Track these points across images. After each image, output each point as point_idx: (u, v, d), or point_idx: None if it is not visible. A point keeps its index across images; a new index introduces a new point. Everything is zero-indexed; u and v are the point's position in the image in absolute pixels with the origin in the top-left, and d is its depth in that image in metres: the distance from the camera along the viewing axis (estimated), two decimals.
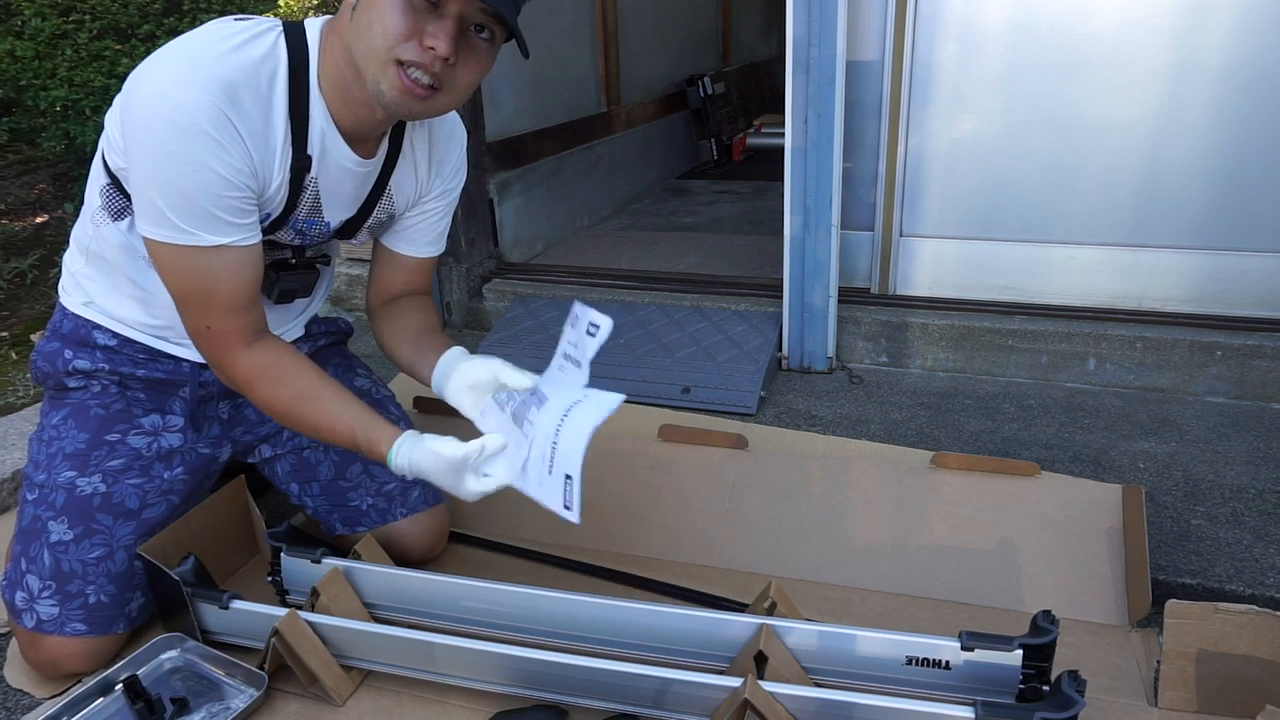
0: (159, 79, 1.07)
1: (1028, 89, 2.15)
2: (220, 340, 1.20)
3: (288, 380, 1.23)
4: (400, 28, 1.06)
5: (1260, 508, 1.64)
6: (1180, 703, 1.19)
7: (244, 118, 1.10)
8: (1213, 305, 2.18)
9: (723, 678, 1.10)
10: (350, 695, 1.25)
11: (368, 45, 1.09)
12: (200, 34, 1.12)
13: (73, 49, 3.13)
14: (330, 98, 1.18)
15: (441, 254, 1.49)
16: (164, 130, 1.06)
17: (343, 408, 1.23)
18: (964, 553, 1.47)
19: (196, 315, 1.19)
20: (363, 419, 1.22)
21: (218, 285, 1.16)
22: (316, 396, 1.24)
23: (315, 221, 1.29)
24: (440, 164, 1.39)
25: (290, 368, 1.24)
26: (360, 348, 2.56)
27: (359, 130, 1.22)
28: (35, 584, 1.27)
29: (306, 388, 1.24)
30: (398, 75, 1.09)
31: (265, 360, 1.23)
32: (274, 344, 1.25)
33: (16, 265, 3.13)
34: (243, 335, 1.21)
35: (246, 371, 1.22)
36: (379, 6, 1.07)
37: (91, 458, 1.32)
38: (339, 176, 1.25)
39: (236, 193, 1.13)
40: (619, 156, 3.88)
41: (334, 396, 1.24)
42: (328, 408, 1.23)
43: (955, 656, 1.12)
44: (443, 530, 1.55)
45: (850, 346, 2.35)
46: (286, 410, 1.24)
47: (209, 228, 1.12)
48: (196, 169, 1.08)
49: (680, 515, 1.61)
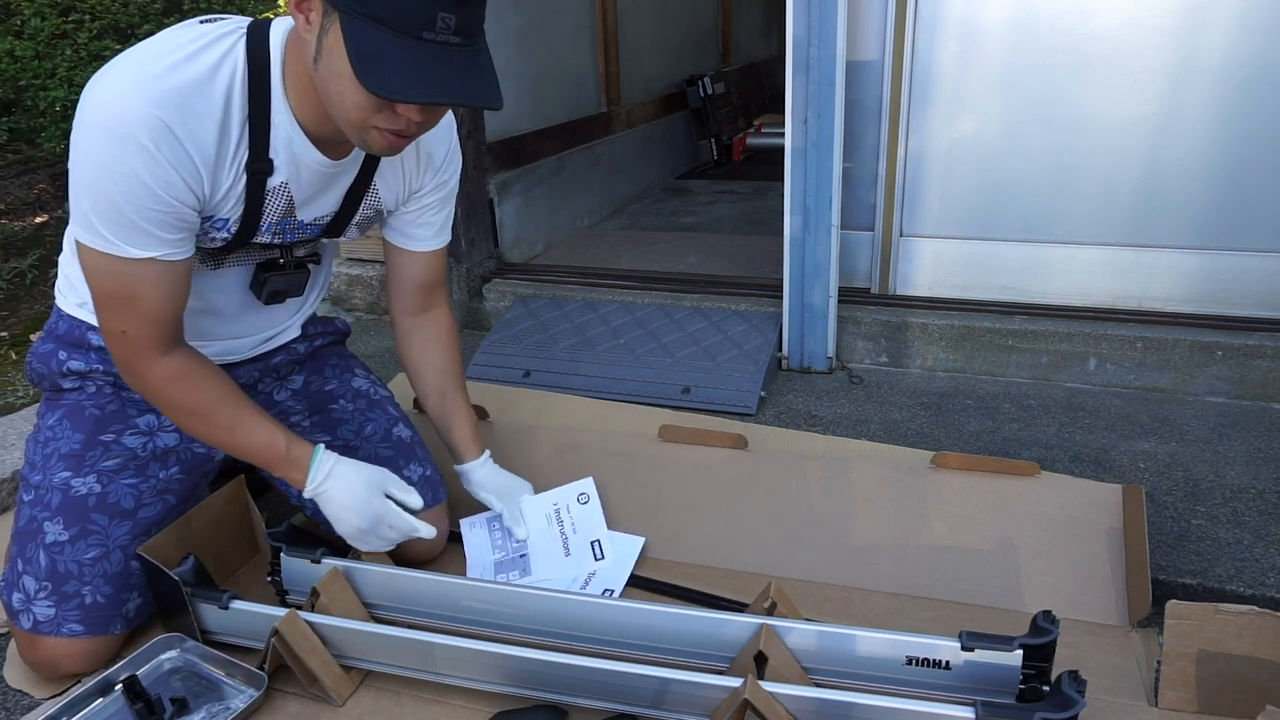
0: (104, 88, 1.05)
1: (1028, 89, 2.15)
2: (134, 345, 1.18)
3: (206, 385, 1.23)
4: (370, 105, 1.05)
5: (1261, 508, 1.64)
6: (1180, 703, 1.18)
7: (191, 127, 1.07)
8: (1213, 305, 2.17)
9: (722, 678, 1.10)
10: (350, 695, 1.25)
11: (341, 114, 1.08)
12: (156, 41, 1.10)
13: (72, 49, 3.13)
14: (296, 105, 1.16)
15: (449, 243, 1.51)
16: (100, 139, 1.04)
17: (266, 418, 1.27)
18: (964, 553, 1.47)
19: (113, 318, 1.17)
20: (286, 431, 1.28)
21: (138, 294, 1.14)
22: (238, 402, 1.25)
23: (290, 221, 1.28)
24: (430, 156, 1.37)
25: (210, 373, 1.25)
26: (360, 348, 2.56)
27: (330, 137, 1.20)
28: (31, 585, 1.27)
29: (228, 393, 1.25)
30: (380, 135, 1.10)
31: (182, 365, 1.22)
32: (190, 351, 1.25)
33: (16, 265, 3.13)
34: (157, 343, 1.19)
35: (161, 377, 1.20)
36: (342, 81, 1.03)
37: (86, 458, 1.31)
38: (311, 179, 1.23)
39: (166, 208, 1.09)
40: (619, 156, 3.88)
41: (255, 406, 1.27)
42: (249, 414, 1.25)
43: (955, 656, 1.12)
44: (443, 531, 1.55)
45: (850, 346, 2.35)
46: (204, 413, 1.24)
47: (134, 240, 1.10)
48: (128, 180, 1.05)
49: (680, 515, 1.60)
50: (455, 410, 1.52)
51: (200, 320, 1.32)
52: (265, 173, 1.18)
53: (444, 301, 1.54)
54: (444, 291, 1.54)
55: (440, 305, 1.53)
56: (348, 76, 1.01)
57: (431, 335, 1.51)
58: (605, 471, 1.67)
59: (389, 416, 1.55)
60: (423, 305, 1.50)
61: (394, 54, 0.99)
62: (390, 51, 0.99)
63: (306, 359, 1.54)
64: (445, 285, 1.54)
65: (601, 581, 1.46)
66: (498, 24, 2.90)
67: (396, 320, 1.52)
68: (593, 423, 1.80)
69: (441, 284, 1.52)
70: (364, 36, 0.98)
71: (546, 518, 1.53)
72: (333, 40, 1.01)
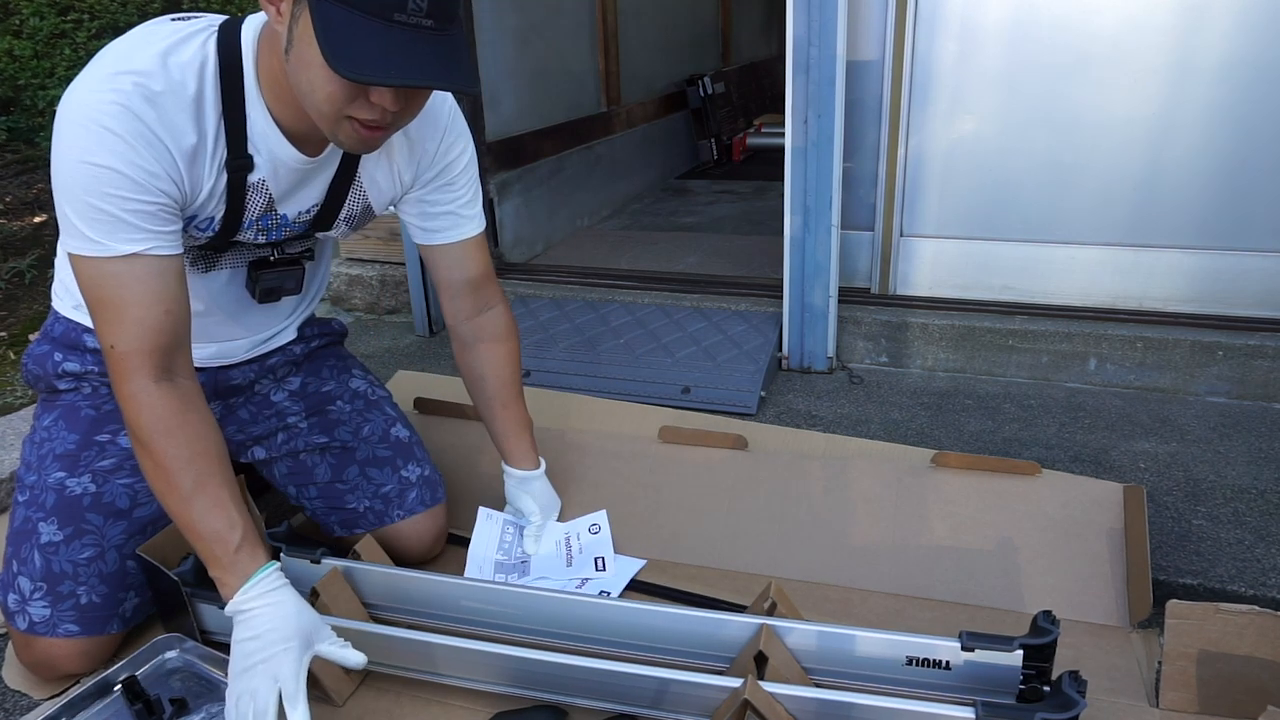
0: (77, 86, 1.04)
1: (1028, 88, 2.15)
2: (120, 361, 1.08)
3: (185, 435, 1.09)
4: (343, 94, 1.01)
5: (1262, 508, 1.64)
6: (1181, 703, 1.18)
7: (164, 120, 1.05)
8: (1214, 305, 2.17)
9: (722, 678, 1.10)
10: (350, 695, 1.24)
11: (314, 106, 1.05)
12: (127, 39, 1.09)
13: (71, 48, 3.13)
14: (271, 101, 1.14)
15: (484, 230, 1.44)
16: (71, 134, 1.03)
17: (238, 504, 1.11)
18: (964, 553, 1.47)
19: (105, 329, 1.10)
20: (250, 526, 1.11)
21: (127, 297, 1.07)
22: (211, 472, 1.10)
23: (272, 217, 1.26)
24: (421, 148, 1.33)
25: (195, 426, 1.11)
26: (359, 348, 2.56)
27: (307, 133, 1.18)
28: (27, 586, 1.26)
29: (205, 458, 1.10)
30: (352, 127, 1.06)
31: (166, 402, 1.09)
32: (186, 395, 1.12)
33: (15, 265, 3.12)
34: (146, 364, 1.09)
35: (138, 405, 1.08)
36: (312, 69, 1.00)
37: (81, 458, 1.31)
38: (289, 175, 1.22)
39: (148, 196, 1.06)
40: (619, 156, 3.88)
41: (231, 486, 1.12)
42: (218, 489, 1.10)
43: (955, 657, 1.11)
44: (441, 531, 1.54)
45: (850, 346, 2.34)
46: (169, 466, 1.08)
47: (117, 234, 1.05)
48: (104, 171, 1.03)
49: (680, 516, 1.60)
50: (518, 419, 1.51)
51: (196, 322, 1.31)
52: (246, 169, 1.17)
53: (499, 298, 1.49)
54: (496, 287, 1.48)
55: (496, 303, 1.48)
56: (318, 64, 0.98)
57: (493, 342, 1.47)
58: (605, 472, 1.66)
59: (387, 417, 1.55)
60: (477, 305, 1.46)
61: (364, 37, 0.96)
62: (360, 35, 0.96)
63: (303, 360, 1.54)
64: (495, 279, 1.47)
65: (599, 586, 1.46)
66: (497, 23, 2.90)
67: (453, 328, 1.47)
68: (593, 423, 1.80)
69: (490, 278, 1.46)
70: (333, 20, 0.96)
71: (557, 544, 1.54)
72: (303, 28, 0.99)
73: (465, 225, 1.41)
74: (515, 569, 1.50)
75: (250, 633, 1.06)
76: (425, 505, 1.51)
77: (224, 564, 1.08)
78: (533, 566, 1.51)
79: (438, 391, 1.88)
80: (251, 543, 1.10)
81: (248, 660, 1.04)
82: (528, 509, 1.52)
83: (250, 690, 1.02)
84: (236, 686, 1.03)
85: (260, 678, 1.02)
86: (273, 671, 1.03)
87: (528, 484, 1.52)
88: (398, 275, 2.78)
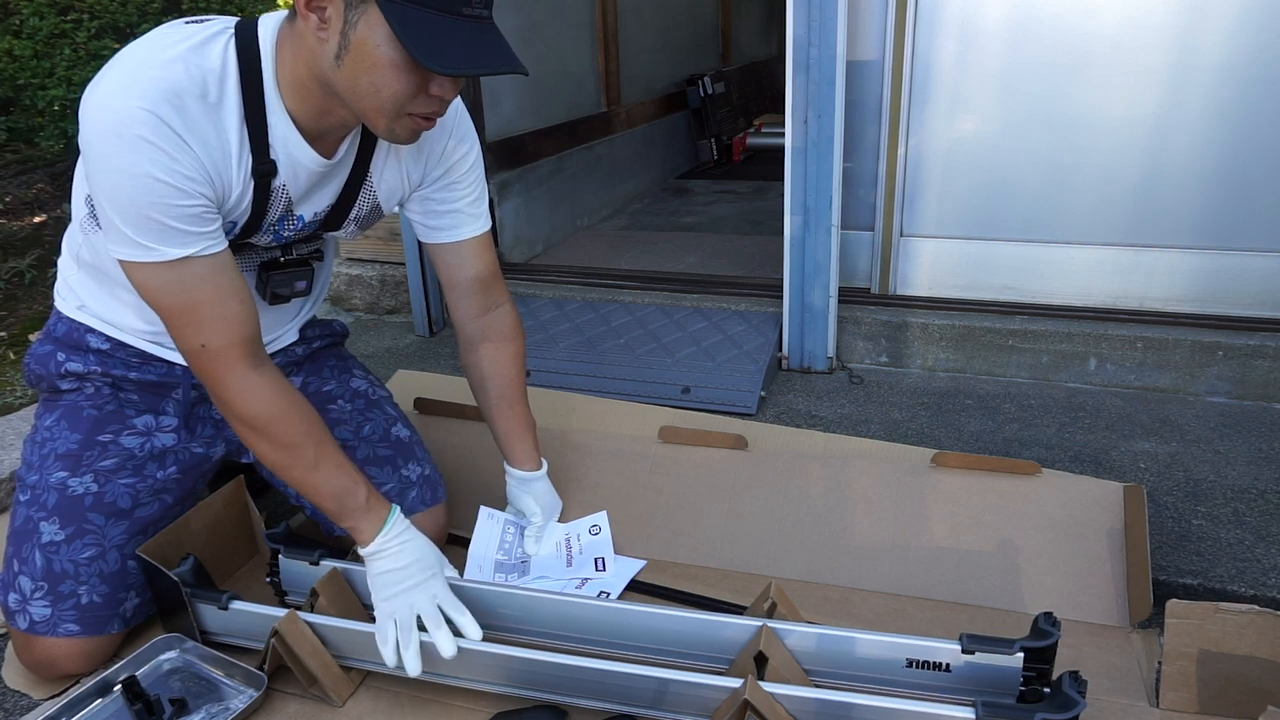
0: (100, 93, 1.04)
1: (1027, 88, 2.15)
2: (218, 358, 1.14)
3: (297, 413, 1.19)
4: (410, 89, 1.06)
5: (1262, 508, 1.64)
6: (1181, 703, 1.18)
7: (191, 126, 1.06)
8: (1214, 305, 2.17)
9: (722, 678, 1.10)
10: (350, 695, 1.24)
11: (375, 104, 1.08)
12: (145, 42, 1.09)
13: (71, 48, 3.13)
14: (292, 103, 1.14)
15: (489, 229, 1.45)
16: (107, 145, 1.03)
17: (349, 462, 1.24)
18: (964, 553, 1.47)
19: (186, 333, 1.13)
20: (367, 481, 1.24)
21: (198, 297, 1.11)
22: (324, 440, 1.22)
23: (288, 219, 1.27)
24: (430, 146, 1.34)
25: (301, 400, 1.21)
26: (360, 348, 2.56)
27: (326, 134, 1.19)
28: (28, 585, 1.26)
29: (316, 427, 1.21)
30: (411, 122, 1.11)
31: (273, 385, 1.18)
32: (280, 373, 1.22)
33: (15, 265, 3.12)
34: (243, 353, 1.15)
35: (249, 394, 1.16)
36: (380, 70, 1.04)
37: (83, 458, 1.31)
38: (307, 177, 1.22)
39: (190, 200, 1.07)
40: (619, 156, 3.88)
41: (339, 448, 1.23)
42: (333, 454, 1.22)
43: (956, 659, 1.11)
44: (442, 530, 1.54)
45: (850, 346, 2.34)
46: (291, 444, 1.19)
47: (167, 241, 1.07)
48: (144, 181, 1.03)
49: (680, 516, 1.60)
50: (521, 420, 1.51)
51: None
52: (270, 174, 1.17)
53: (505, 297, 1.49)
54: (503, 285, 1.48)
55: (502, 302, 1.48)
56: (386, 64, 1.03)
57: (499, 341, 1.48)
58: (605, 472, 1.66)
59: (387, 416, 1.55)
60: (484, 304, 1.45)
61: (443, 32, 1.02)
62: (439, 30, 1.02)
63: (304, 360, 1.54)
64: (501, 278, 1.47)
65: (599, 586, 1.46)
66: (497, 23, 2.89)
67: (460, 327, 1.48)
68: (593, 423, 1.80)
69: (497, 276, 1.46)
70: (411, 20, 1.01)
71: (558, 544, 1.54)
72: (364, 32, 1.03)
73: (471, 223, 1.41)
74: (515, 569, 1.50)
75: (397, 564, 1.21)
76: (426, 504, 1.51)
77: (358, 514, 1.22)
78: (533, 567, 1.51)
79: (438, 391, 1.88)
80: (374, 494, 1.24)
81: (401, 584, 1.20)
82: (529, 510, 1.53)
83: (409, 604, 1.19)
84: (394, 604, 1.19)
85: (419, 594, 1.20)
86: (430, 591, 1.20)
87: (530, 485, 1.52)
88: (398, 275, 2.78)
